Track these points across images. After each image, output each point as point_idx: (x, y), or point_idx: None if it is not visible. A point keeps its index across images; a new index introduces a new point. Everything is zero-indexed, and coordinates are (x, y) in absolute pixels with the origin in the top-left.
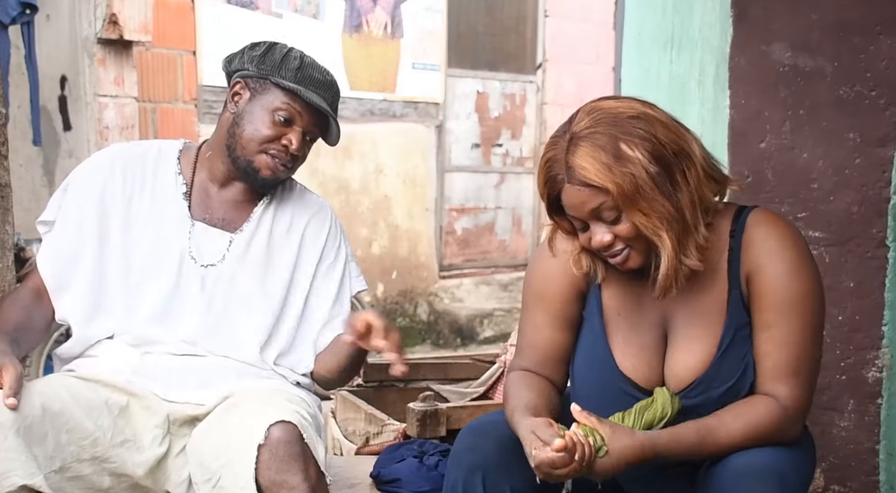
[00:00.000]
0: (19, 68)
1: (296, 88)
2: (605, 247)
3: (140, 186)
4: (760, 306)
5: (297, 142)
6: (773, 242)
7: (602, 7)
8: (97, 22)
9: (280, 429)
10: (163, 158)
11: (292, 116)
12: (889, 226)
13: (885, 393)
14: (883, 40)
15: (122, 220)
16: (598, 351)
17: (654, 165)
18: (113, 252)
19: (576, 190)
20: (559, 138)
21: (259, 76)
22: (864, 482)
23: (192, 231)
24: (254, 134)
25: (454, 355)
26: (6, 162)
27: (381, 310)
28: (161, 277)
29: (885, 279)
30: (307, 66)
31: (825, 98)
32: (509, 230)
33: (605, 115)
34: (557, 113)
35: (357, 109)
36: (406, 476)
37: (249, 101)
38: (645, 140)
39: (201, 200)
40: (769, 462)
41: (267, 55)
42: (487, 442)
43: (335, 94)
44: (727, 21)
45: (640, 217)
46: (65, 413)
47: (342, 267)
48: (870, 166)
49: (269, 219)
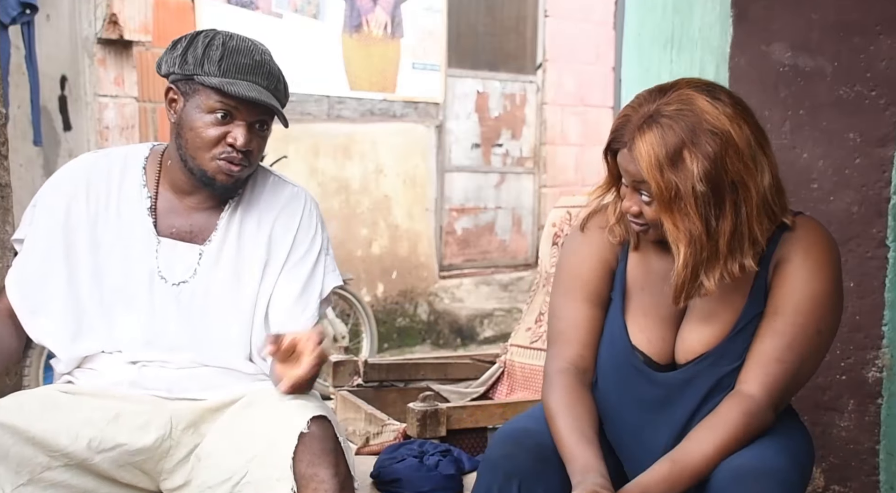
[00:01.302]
0: (19, 68)
1: (220, 82)
2: (630, 214)
3: (105, 203)
4: (774, 294)
5: (243, 137)
6: (809, 240)
7: (602, 7)
8: (97, 22)
9: (315, 424)
10: (128, 171)
11: (229, 111)
12: (889, 226)
13: (885, 393)
14: (883, 40)
15: (88, 241)
16: (615, 327)
17: (703, 185)
18: (83, 275)
19: (629, 160)
20: (645, 103)
21: (185, 77)
22: (864, 482)
23: (160, 249)
24: (197, 140)
25: (454, 355)
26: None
27: (382, 310)
28: (134, 299)
29: (885, 279)
30: (232, 53)
31: (825, 98)
32: (509, 230)
33: (691, 114)
34: (557, 113)
35: (357, 109)
36: (406, 476)
37: (184, 106)
38: (708, 159)
39: (167, 213)
40: (767, 462)
41: (188, 52)
42: (524, 451)
43: (269, 74)
44: (727, 21)
45: (668, 222)
46: (30, 429)
47: (312, 262)
48: (870, 166)
49: (237, 223)
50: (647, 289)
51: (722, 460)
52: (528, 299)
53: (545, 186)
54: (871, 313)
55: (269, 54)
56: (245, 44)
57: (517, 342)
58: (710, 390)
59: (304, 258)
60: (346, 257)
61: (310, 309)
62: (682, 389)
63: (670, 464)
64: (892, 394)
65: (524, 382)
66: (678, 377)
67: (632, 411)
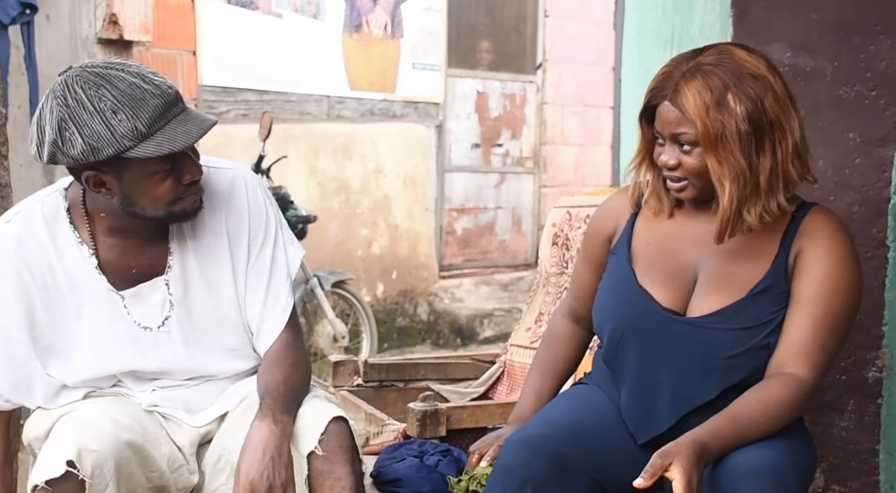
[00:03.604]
0: (19, 68)
1: (157, 149)
2: (668, 168)
3: (51, 275)
4: (804, 280)
5: (195, 169)
6: (832, 229)
7: (602, 7)
8: (97, 22)
9: (335, 424)
10: (57, 233)
11: (174, 160)
12: (889, 226)
13: (885, 393)
14: (883, 40)
15: (50, 321)
16: (621, 274)
17: (746, 125)
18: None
19: (670, 109)
20: (684, 61)
21: (107, 162)
22: (864, 482)
23: (127, 304)
24: (157, 201)
25: (454, 355)
26: (6, 162)
27: (382, 310)
28: (124, 358)
29: (885, 279)
30: (135, 104)
31: (825, 98)
32: (509, 230)
33: (731, 61)
34: (557, 113)
35: (357, 109)
36: (406, 476)
37: (121, 183)
38: (751, 100)
39: (117, 260)
40: (766, 461)
41: (89, 137)
42: (540, 458)
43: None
44: (727, 21)
45: (713, 161)
46: (144, 447)
47: (272, 246)
48: (870, 166)
49: (189, 237)
50: (655, 249)
51: (767, 436)
52: (528, 299)
53: (545, 186)
54: (871, 313)
55: (139, 67)
56: (125, 81)
57: (517, 342)
58: (718, 346)
59: (264, 246)
60: (346, 256)
61: (282, 296)
62: (689, 336)
63: (731, 425)
64: (892, 394)
65: (524, 382)
66: (687, 323)
67: (636, 347)
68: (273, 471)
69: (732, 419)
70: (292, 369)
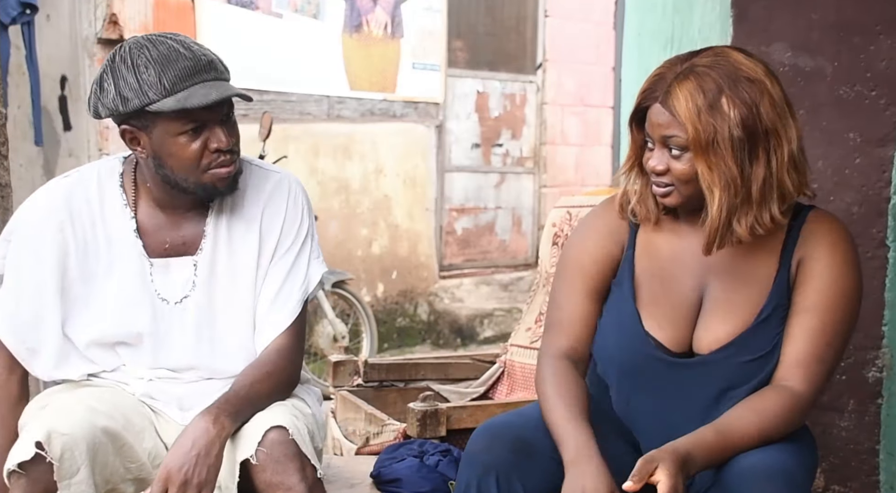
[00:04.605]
0: (19, 68)
1: (176, 103)
2: (655, 173)
3: (92, 232)
4: (804, 290)
5: (224, 137)
6: (833, 237)
7: (602, 7)
8: (97, 22)
9: (275, 432)
10: (106, 193)
11: (199, 123)
12: (889, 226)
13: (885, 393)
14: (883, 40)
15: (81, 273)
16: (624, 313)
17: (740, 130)
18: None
19: (661, 112)
20: (678, 62)
21: (135, 113)
22: (864, 482)
23: (153, 272)
24: (183, 163)
25: (454, 355)
26: (6, 162)
27: (382, 310)
28: (137, 324)
29: (885, 279)
30: (165, 64)
31: (825, 98)
32: (509, 230)
33: (727, 64)
34: (557, 113)
35: (357, 108)
36: (406, 476)
37: (150, 139)
38: (745, 105)
39: (155, 230)
40: (777, 462)
41: (121, 86)
42: (502, 444)
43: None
44: (727, 21)
45: (703, 167)
46: (122, 437)
47: (296, 251)
48: (870, 166)
49: (225, 224)
50: (658, 277)
51: (759, 447)
52: (528, 299)
53: (545, 186)
54: (871, 313)
55: (189, 39)
56: (167, 44)
57: (517, 342)
58: (731, 380)
59: (290, 250)
60: (346, 257)
61: (291, 302)
62: (701, 377)
63: (716, 435)
64: (892, 394)
65: (524, 382)
66: (697, 364)
67: (647, 397)
68: (194, 468)
69: (721, 431)
70: (266, 376)
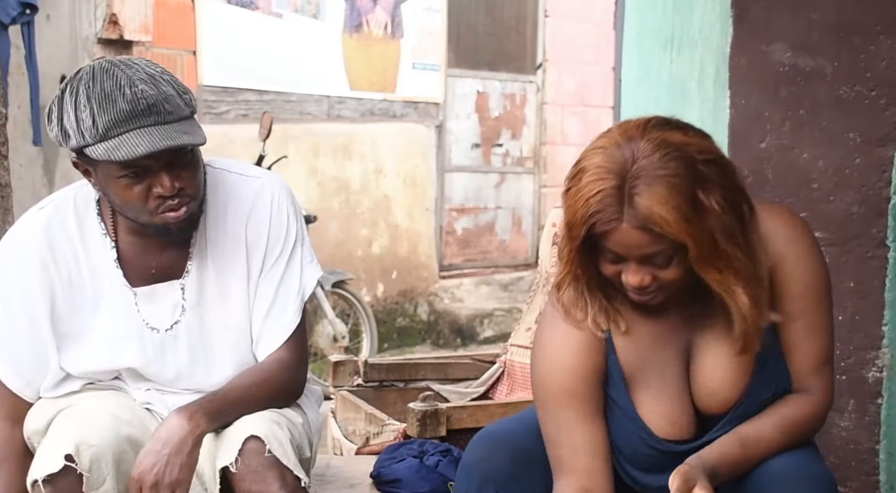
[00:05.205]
0: (19, 68)
1: (106, 152)
2: (641, 287)
3: (75, 264)
4: (787, 297)
5: (168, 182)
6: (787, 231)
7: (602, 7)
8: (97, 22)
9: (252, 442)
10: (85, 223)
11: (139, 168)
12: (889, 226)
13: (885, 393)
14: (883, 40)
15: (68, 307)
16: (625, 418)
17: (728, 216)
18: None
19: (635, 232)
20: (613, 169)
21: (78, 152)
22: (864, 482)
23: (138, 301)
24: (127, 205)
25: (454, 355)
26: (6, 162)
27: (382, 310)
28: (126, 358)
29: (885, 279)
30: (101, 104)
31: (825, 98)
32: (509, 230)
33: (678, 153)
34: (557, 113)
35: (357, 109)
36: (406, 476)
37: (97, 176)
38: (720, 188)
39: (137, 257)
40: (807, 467)
41: (63, 122)
42: (502, 453)
43: (150, 105)
44: (727, 21)
45: (713, 275)
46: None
47: (286, 260)
48: (870, 166)
49: (210, 243)
50: (647, 368)
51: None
52: (528, 299)
53: (545, 186)
54: (871, 313)
55: (142, 72)
56: (114, 80)
57: (517, 342)
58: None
59: (279, 258)
60: (346, 257)
61: (288, 312)
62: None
63: (741, 447)
64: (892, 394)
65: (524, 382)
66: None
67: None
68: (165, 467)
69: (745, 444)
70: (260, 382)
